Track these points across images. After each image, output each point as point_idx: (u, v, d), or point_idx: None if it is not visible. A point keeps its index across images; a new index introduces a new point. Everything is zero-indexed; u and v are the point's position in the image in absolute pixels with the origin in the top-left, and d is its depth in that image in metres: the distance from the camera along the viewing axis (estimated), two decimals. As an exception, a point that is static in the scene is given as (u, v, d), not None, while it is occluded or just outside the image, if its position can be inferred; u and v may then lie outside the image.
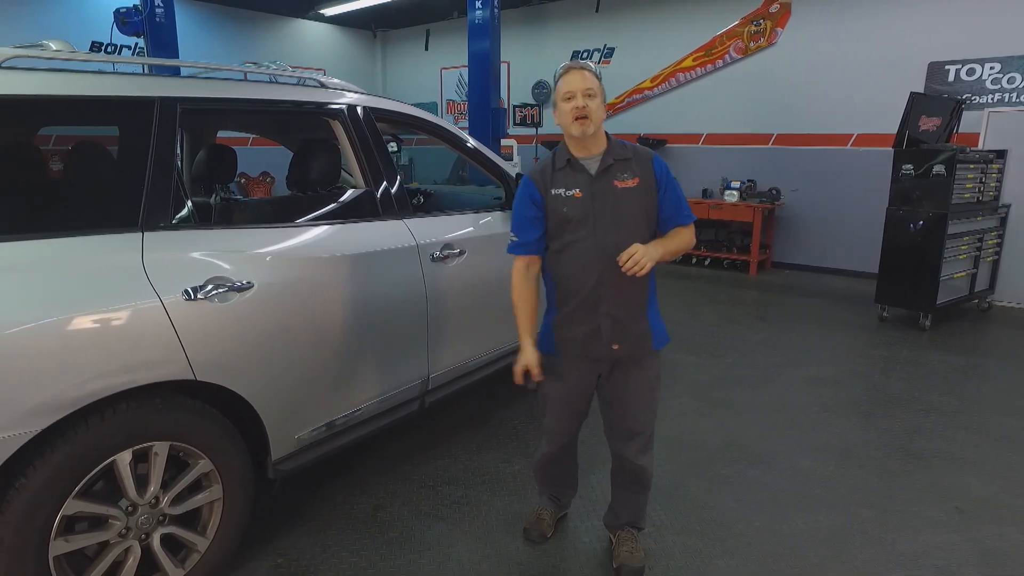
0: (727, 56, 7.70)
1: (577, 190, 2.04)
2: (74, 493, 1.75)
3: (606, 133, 2.07)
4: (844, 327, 5.35)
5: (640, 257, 1.92)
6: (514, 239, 2.13)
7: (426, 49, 10.52)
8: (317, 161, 2.67)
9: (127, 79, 2.03)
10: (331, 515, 2.62)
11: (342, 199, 2.66)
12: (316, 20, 10.23)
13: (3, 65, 1.78)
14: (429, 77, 10.60)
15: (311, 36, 10.34)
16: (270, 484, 2.32)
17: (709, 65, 7.85)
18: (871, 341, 5.00)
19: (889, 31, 6.61)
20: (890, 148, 5.47)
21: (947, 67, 6.42)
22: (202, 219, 2.22)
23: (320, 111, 2.60)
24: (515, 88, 9.33)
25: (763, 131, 7.59)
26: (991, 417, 3.59)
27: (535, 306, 2.16)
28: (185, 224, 2.08)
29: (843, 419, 3.57)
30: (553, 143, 8.75)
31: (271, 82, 2.55)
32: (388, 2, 8.91)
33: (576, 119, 1.96)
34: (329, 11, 9.69)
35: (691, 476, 2.96)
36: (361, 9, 9.38)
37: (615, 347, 2.10)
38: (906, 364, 4.45)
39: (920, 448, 3.23)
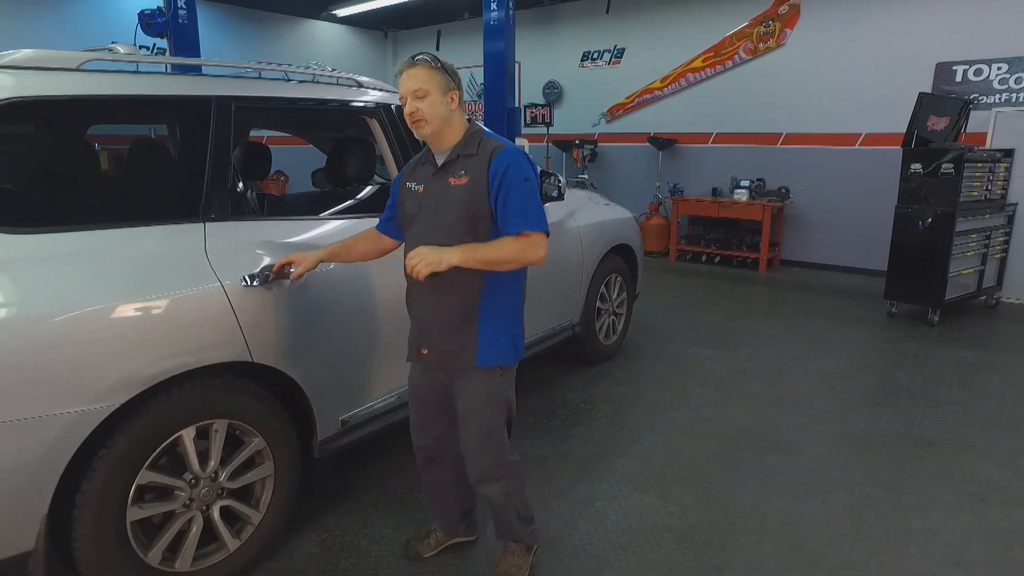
0: (736, 57, 7.81)
1: (422, 185, 1.98)
2: (146, 464, 1.88)
3: (471, 124, 1.97)
4: (854, 322, 5.46)
5: (416, 261, 1.76)
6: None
7: (437, 49, 10.64)
8: (357, 158, 2.79)
9: (189, 80, 2.16)
10: (370, 495, 2.74)
11: (381, 193, 2.79)
12: (328, 21, 10.36)
13: (80, 68, 1.91)
14: (440, 77, 10.71)
15: (324, 36, 10.48)
16: (314, 464, 2.44)
17: (719, 65, 7.96)
18: (881, 336, 5.11)
19: (897, 32, 6.72)
20: (898, 147, 5.57)
21: (954, 67, 6.52)
22: (255, 211, 2.35)
23: (360, 110, 2.72)
24: (526, 88, 9.45)
25: (772, 131, 7.69)
26: (1001, 408, 3.70)
27: (350, 243, 2.18)
28: (241, 215, 2.21)
29: (856, 408, 3.68)
30: (564, 143, 8.89)
31: (314, 82, 2.67)
32: (399, 3, 9.04)
33: (413, 123, 1.88)
34: (341, 12, 9.81)
35: (712, 461, 3.07)
36: (373, 10, 9.51)
37: (423, 351, 2.02)
38: (915, 357, 4.56)
39: (931, 436, 3.34)
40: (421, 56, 1.88)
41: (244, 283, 2.07)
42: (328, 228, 2.47)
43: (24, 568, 1.66)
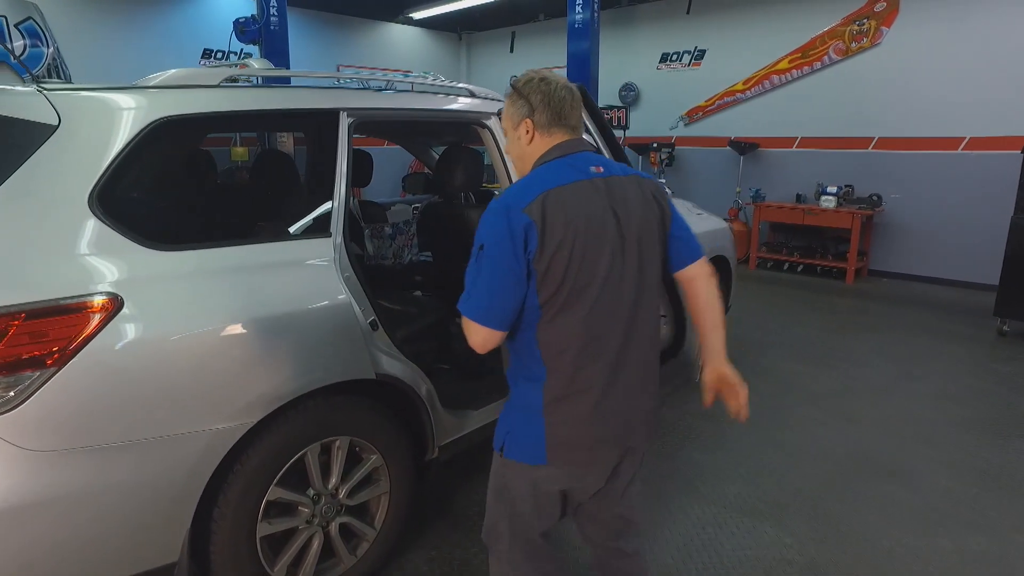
0: (826, 58, 7.46)
1: None
2: (275, 480, 1.89)
3: (540, 158, 1.52)
4: (959, 340, 5.12)
5: None
6: None
7: (511, 51, 10.61)
8: (467, 167, 2.75)
9: (320, 93, 2.16)
10: (475, 513, 2.70)
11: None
12: (405, 24, 10.49)
13: (220, 84, 1.93)
14: (512, 79, 10.68)
15: (400, 39, 10.61)
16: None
17: (806, 67, 7.63)
18: (992, 356, 4.76)
19: (1012, 25, 6.24)
20: (1009, 151, 5.21)
21: (1077, 66, 6.03)
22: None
23: (475, 120, 2.67)
24: (602, 90, 9.28)
25: (863, 135, 7.32)
26: None
27: None
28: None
29: (977, 437, 3.43)
30: (641, 146, 8.70)
31: (437, 93, 2.65)
32: (473, 6, 9.06)
33: None
34: (417, 15, 9.93)
35: (824, 487, 2.91)
36: (448, 12, 9.57)
37: None
38: (1036, 382, 4.23)
39: (1069, 472, 3.07)
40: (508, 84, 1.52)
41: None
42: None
43: (169, 581, 1.69)
